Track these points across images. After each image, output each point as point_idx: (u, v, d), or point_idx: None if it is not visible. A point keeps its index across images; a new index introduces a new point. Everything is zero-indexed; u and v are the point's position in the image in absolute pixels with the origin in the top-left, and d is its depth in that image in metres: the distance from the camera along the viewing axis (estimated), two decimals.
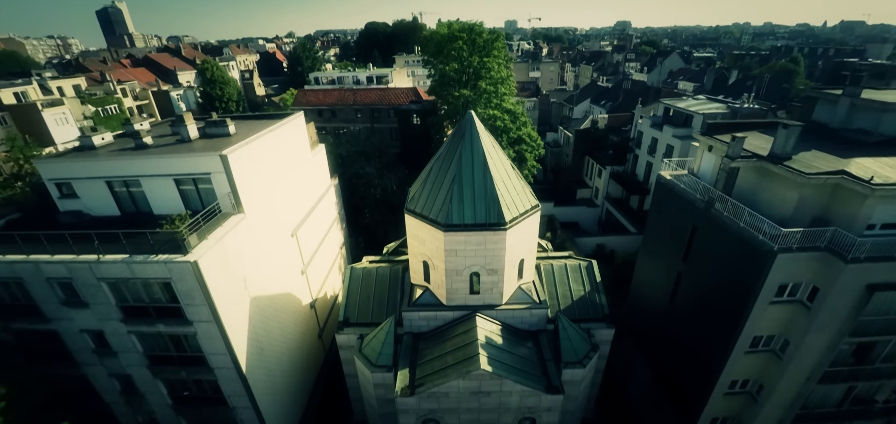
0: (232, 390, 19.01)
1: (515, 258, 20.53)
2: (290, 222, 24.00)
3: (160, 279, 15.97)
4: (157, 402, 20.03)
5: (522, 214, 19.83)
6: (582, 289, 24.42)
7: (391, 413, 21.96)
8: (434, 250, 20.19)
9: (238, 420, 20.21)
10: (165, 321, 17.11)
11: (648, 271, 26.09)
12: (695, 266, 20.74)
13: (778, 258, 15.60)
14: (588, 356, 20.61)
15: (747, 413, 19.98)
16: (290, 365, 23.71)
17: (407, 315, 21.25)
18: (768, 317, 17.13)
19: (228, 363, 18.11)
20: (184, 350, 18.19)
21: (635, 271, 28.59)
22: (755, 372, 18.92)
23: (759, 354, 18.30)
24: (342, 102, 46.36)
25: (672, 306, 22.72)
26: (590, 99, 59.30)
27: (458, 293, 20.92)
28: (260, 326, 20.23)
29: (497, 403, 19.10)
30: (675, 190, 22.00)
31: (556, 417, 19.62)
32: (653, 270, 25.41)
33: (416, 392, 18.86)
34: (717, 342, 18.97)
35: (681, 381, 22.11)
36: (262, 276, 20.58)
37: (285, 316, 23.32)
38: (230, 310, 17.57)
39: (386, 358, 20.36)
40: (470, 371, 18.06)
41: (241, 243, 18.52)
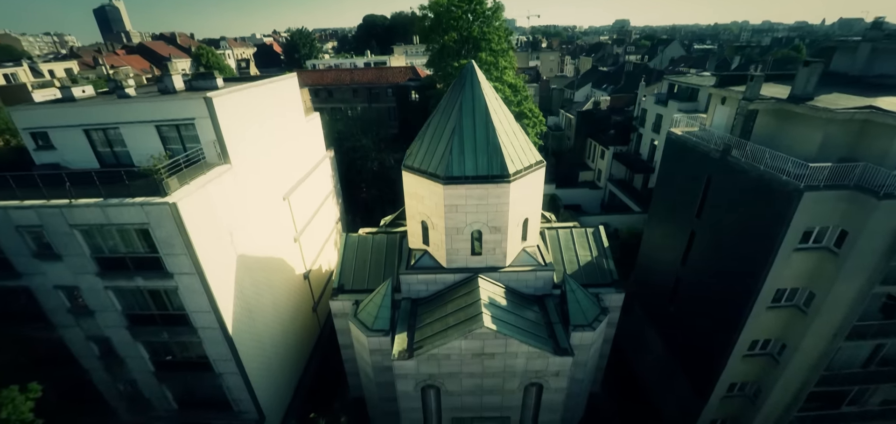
0: (217, 353, 17.78)
1: (519, 216, 19.38)
2: (283, 185, 22.84)
3: (137, 224, 14.78)
4: (139, 368, 18.77)
5: (526, 168, 18.71)
6: (589, 255, 23.28)
7: (388, 382, 20.72)
8: (433, 207, 19.04)
9: (225, 387, 18.97)
10: (144, 273, 15.90)
11: (658, 236, 24.95)
12: (710, 221, 19.60)
13: (804, 197, 14.47)
14: (597, 319, 19.44)
15: (768, 377, 18.78)
16: (282, 335, 22.48)
17: (404, 279, 20.06)
18: (792, 267, 15.98)
19: (213, 323, 16.89)
20: (165, 308, 16.96)
21: (643, 239, 27.47)
22: (777, 330, 17.74)
23: (781, 309, 17.12)
24: (339, 82, 45.27)
25: (685, 268, 21.57)
26: (591, 83, 58.36)
27: (459, 255, 19.75)
28: (249, 288, 19.02)
29: (501, 366, 17.90)
30: (688, 144, 20.90)
31: (564, 382, 18.42)
32: (663, 233, 24.28)
33: (415, 354, 17.67)
34: (736, 299, 17.80)
35: (695, 347, 20.92)
36: (251, 236, 19.40)
37: (277, 284, 22.11)
38: (215, 264, 16.38)
39: (383, 322, 19.15)
40: (472, 331, 16.88)
41: (227, 194, 17.35)
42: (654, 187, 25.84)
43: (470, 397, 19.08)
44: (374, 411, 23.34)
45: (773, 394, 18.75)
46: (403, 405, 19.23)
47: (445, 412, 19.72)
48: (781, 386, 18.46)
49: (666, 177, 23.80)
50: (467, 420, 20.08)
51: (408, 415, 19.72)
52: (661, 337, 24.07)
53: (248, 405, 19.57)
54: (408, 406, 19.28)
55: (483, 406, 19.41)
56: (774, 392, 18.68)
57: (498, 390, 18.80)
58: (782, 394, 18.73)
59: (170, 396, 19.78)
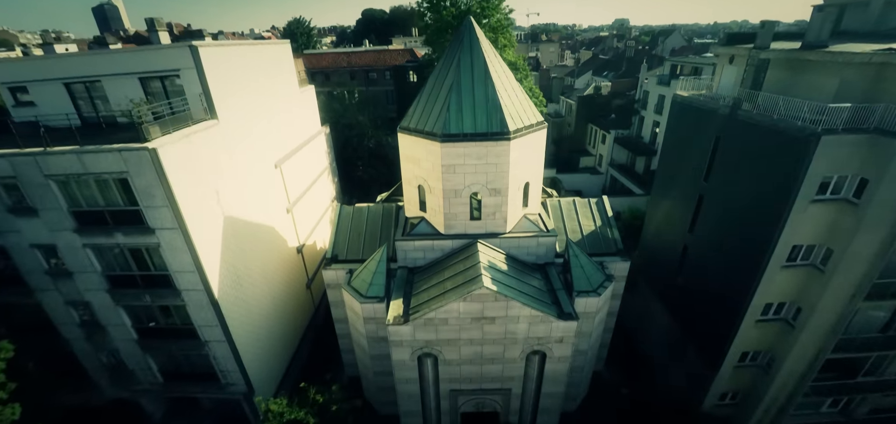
0: (203, 319, 16.88)
1: (520, 179, 18.59)
2: (274, 152, 22.02)
3: (115, 173, 13.94)
4: (121, 336, 17.86)
5: (527, 127, 17.93)
6: (592, 224, 22.48)
7: (383, 354, 19.81)
8: (430, 169, 18.25)
9: (212, 357, 18.05)
10: (124, 229, 15.04)
11: (664, 206, 24.11)
12: (719, 183, 18.77)
13: (822, 142, 13.66)
14: (603, 285, 18.61)
15: (782, 344, 17.88)
16: (273, 307, 21.57)
17: (400, 246, 19.22)
18: (809, 221, 15.14)
19: (198, 285, 16.01)
20: (146, 268, 16.08)
21: (647, 214, 26.64)
22: (792, 292, 16.86)
23: (797, 268, 16.26)
24: (336, 64, 44.58)
25: (693, 235, 20.72)
26: (591, 71, 57.74)
27: (458, 219, 18.93)
28: (236, 252, 18.16)
29: (502, 332, 17.02)
30: (694, 104, 20.12)
31: (568, 350, 17.53)
32: (669, 203, 23.44)
33: (411, 319, 16.79)
34: (749, 260, 16.94)
35: (706, 317, 20.01)
36: (240, 199, 18.56)
37: (268, 253, 21.24)
38: (199, 222, 15.52)
39: (377, 289, 18.30)
40: (471, 292, 16.03)
41: (214, 150, 16.53)
42: (659, 156, 25.09)
43: (469, 366, 18.18)
44: (369, 389, 22.42)
45: (787, 362, 17.84)
46: (399, 376, 18.32)
47: (443, 383, 18.80)
48: (796, 354, 17.55)
49: (671, 143, 23.00)
50: (467, 393, 19.17)
51: (404, 388, 18.81)
52: (668, 311, 23.17)
53: (236, 377, 18.65)
54: (404, 377, 18.37)
55: (483, 376, 18.51)
56: (789, 360, 17.78)
57: (499, 358, 17.91)
58: (797, 362, 17.82)
59: (154, 367, 18.85)
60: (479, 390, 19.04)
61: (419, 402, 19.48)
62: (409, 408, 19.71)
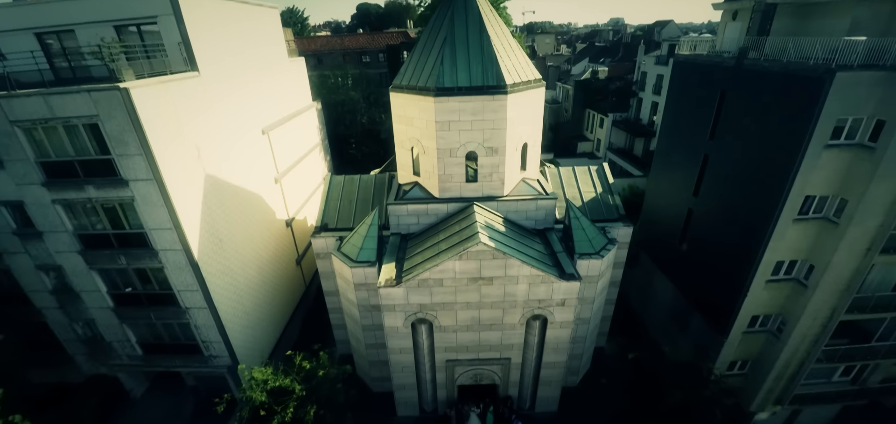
0: (182, 282, 15.87)
1: (518, 139, 17.77)
2: (262, 117, 21.11)
3: (85, 117, 12.98)
4: (96, 304, 16.80)
5: (525, 82, 17.13)
6: (593, 191, 21.69)
7: (376, 325, 18.86)
8: (424, 127, 17.39)
9: (193, 325, 17.02)
10: (96, 181, 14.06)
11: (666, 173, 23.37)
12: (725, 140, 18.02)
13: (837, 79, 12.90)
14: (605, 248, 17.78)
15: (793, 305, 17.04)
16: (260, 280, 20.58)
17: (393, 210, 18.31)
18: (822, 169, 14.36)
19: (176, 244, 15.02)
20: (121, 227, 15.08)
21: (648, 185, 25.92)
22: (804, 248, 16.05)
23: (809, 221, 15.46)
24: (329, 47, 43.81)
25: (698, 198, 19.94)
26: (588, 58, 57.33)
27: (453, 182, 18.07)
28: (219, 215, 17.19)
29: (501, 294, 16.12)
30: (697, 61, 19.44)
31: (570, 314, 16.64)
32: (671, 169, 22.68)
33: (404, 280, 15.87)
34: (758, 215, 16.16)
35: (713, 281, 19.19)
36: (223, 159, 17.61)
37: (254, 223, 20.28)
38: (177, 175, 14.56)
39: (368, 253, 17.38)
40: (468, 249, 15.14)
41: (194, 103, 15.60)
42: (660, 125, 24.33)
43: (466, 334, 17.25)
44: (362, 366, 21.42)
45: (799, 326, 16.99)
46: (392, 345, 17.36)
47: (439, 353, 17.85)
48: (809, 315, 16.71)
49: (673, 109, 22.26)
50: (464, 363, 18.22)
51: (397, 359, 17.84)
52: (672, 282, 22.35)
53: (219, 348, 17.63)
54: (397, 346, 17.41)
55: (481, 344, 17.57)
56: (801, 323, 16.93)
57: (497, 324, 16.99)
58: (810, 325, 16.99)
59: (133, 339, 17.80)
60: (476, 359, 18.09)
61: (414, 374, 18.52)
62: (403, 381, 18.74)
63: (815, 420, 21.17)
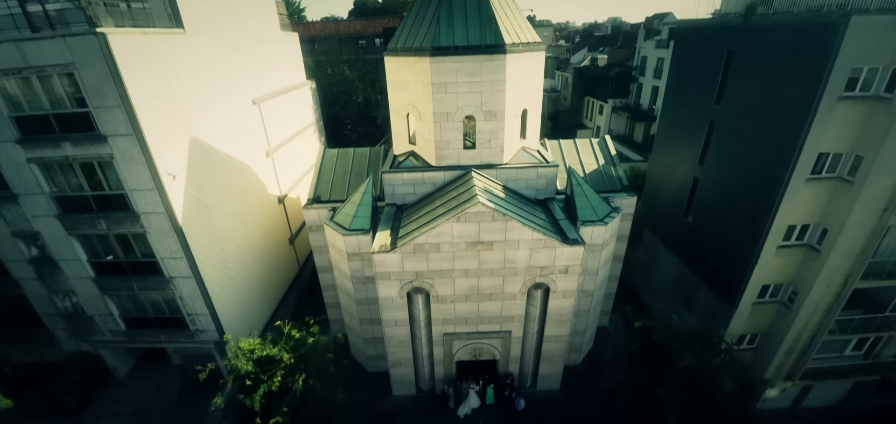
0: (166, 249, 15.10)
1: (517, 104, 17.10)
2: (252, 87, 20.40)
3: (60, 66, 12.24)
4: (76, 273, 16.00)
5: (524, 44, 16.47)
6: (595, 163, 21.01)
7: (370, 299, 18.07)
8: (419, 91, 16.72)
9: (178, 297, 16.23)
10: (73, 138, 13.31)
11: (669, 146, 22.78)
12: (732, 103, 17.38)
13: (852, 23, 12.27)
14: (609, 215, 17.09)
15: (806, 272, 16.33)
16: (251, 255, 19.81)
17: (387, 179, 17.58)
18: (836, 123, 13.69)
19: (158, 207, 14.26)
20: (100, 188, 14.31)
21: (651, 161, 25.39)
22: (818, 211, 15.37)
23: (823, 181, 14.78)
24: (324, 32, 43.15)
25: (703, 166, 19.30)
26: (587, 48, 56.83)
27: (450, 149, 17.40)
28: (206, 181, 16.44)
29: (501, 260, 15.40)
30: (701, 25, 18.82)
31: (574, 283, 15.92)
32: (675, 140, 22.06)
33: (399, 245, 15.15)
34: (769, 176, 15.51)
35: (721, 250, 18.50)
36: (210, 123, 16.86)
37: (244, 194, 19.53)
38: (159, 133, 13.82)
39: (362, 222, 16.65)
40: (466, 210, 14.44)
41: (178, 61, 14.88)
42: (663, 100, 23.73)
43: (465, 304, 16.50)
44: (357, 345, 20.61)
45: (812, 294, 16.28)
46: (387, 317, 16.60)
47: (436, 325, 17.09)
48: (822, 282, 16.02)
49: (676, 76, 21.71)
50: (462, 337, 17.45)
51: (392, 333, 17.08)
52: (677, 256, 21.67)
53: (206, 321, 16.84)
54: (392, 318, 16.65)
55: (480, 316, 16.82)
56: (814, 291, 16.23)
57: (497, 294, 16.24)
58: (822, 292, 16.30)
59: (115, 313, 16.99)
60: (475, 333, 17.34)
61: (410, 349, 17.74)
62: (399, 357, 17.97)
63: (826, 399, 20.45)
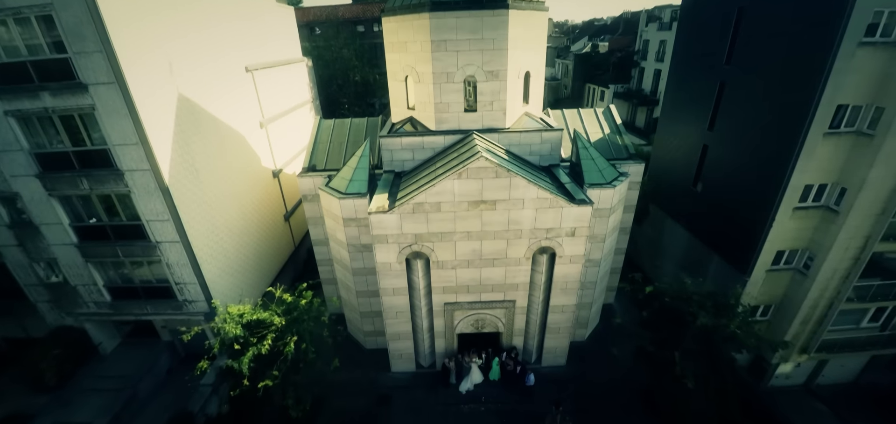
0: (151, 210, 14.33)
1: (520, 65, 16.46)
2: (246, 54, 19.71)
3: (38, 7, 11.50)
4: (58, 239, 15.19)
5: (527, 0, 15.89)
6: (600, 131, 20.35)
7: (368, 269, 17.29)
8: (418, 51, 16.07)
9: (165, 263, 15.44)
10: (52, 87, 12.57)
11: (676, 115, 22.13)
12: (744, 60, 16.75)
13: None
14: (617, 179, 16.40)
15: (823, 235, 15.60)
16: (243, 225, 19.05)
17: (385, 143, 16.85)
18: (855, 72, 13.03)
19: (143, 163, 13.50)
20: (82, 143, 13.57)
21: (657, 135, 24.75)
22: (836, 168, 14.66)
23: (841, 136, 14.09)
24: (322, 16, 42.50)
25: (713, 131, 18.64)
26: (588, 36, 56.41)
27: (451, 112, 16.73)
28: (196, 144, 15.71)
29: (505, 221, 14.68)
30: None
31: (581, 247, 15.19)
32: (682, 108, 21.43)
33: (397, 204, 14.43)
34: (784, 133, 14.85)
35: (733, 216, 17.79)
36: (201, 84, 16.15)
37: (237, 163, 18.80)
38: (144, 84, 13.09)
39: (359, 186, 15.93)
40: (468, 166, 13.75)
41: (165, 11, 14.19)
42: (668, 71, 23.12)
43: (466, 270, 15.74)
44: (354, 321, 19.80)
45: (829, 258, 15.55)
46: (385, 285, 15.84)
47: (436, 293, 16.32)
48: (840, 245, 15.29)
49: (684, 42, 21.07)
50: (464, 307, 16.68)
51: (391, 302, 16.31)
52: (686, 228, 20.97)
53: (195, 291, 16.04)
54: (390, 287, 15.90)
55: (483, 283, 16.06)
56: (831, 255, 15.50)
57: (501, 259, 15.50)
58: (840, 256, 15.58)
59: (100, 282, 16.17)
60: (478, 302, 16.57)
61: (409, 321, 16.96)
62: (398, 329, 17.18)
63: (842, 374, 19.69)
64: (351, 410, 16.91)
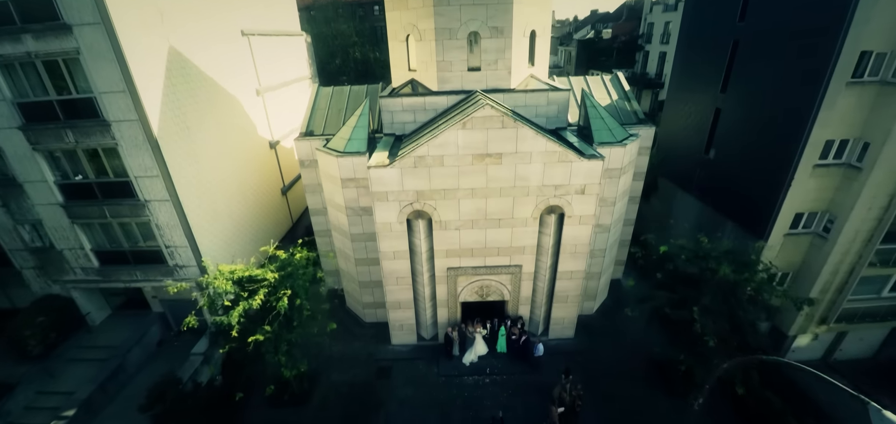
0: (139, 165, 13.63)
1: (525, 22, 15.83)
2: (242, 16, 19.10)
3: None
4: (43, 199, 14.50)
5: None
6: (608, 98, 19.69)
7: (367, 234, 16.57)
8: (420, 7, 15.48)
9: (154, 224, 14.74)
10: (34, 29, 11.91)
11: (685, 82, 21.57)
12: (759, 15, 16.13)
13: None
14: (627, 138, 15.70)
15: (845, 195, 14.83)
16: (239, 192, 18.39)
17: (385, 104, 16.17)
18: (879, 16, 12.38)
19: (130, 112, 12.82)
20: (65, 90, 12.89)
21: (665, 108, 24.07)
22: (859, 121, 13.93)
23: (865, 86, 13.38)
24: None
25: (726, 93, 17.97)
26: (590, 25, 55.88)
27: (453, 71, 16.08)
28: (187, 100, 15.05)
29: (511, 177, 13.97)
30: None
31: (591, 206, 14.47)
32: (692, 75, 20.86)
33: (398, 158, 13.74)
34: (803, 87, 14.18)
35: (747, 181, 17.12)
36: (193, 40, 15.50)
37: (232, 126, 18.17)
38: (132, 28, 12.45)
39: (358, 145, 15.26)
40: (473, 115, 13.09)
41: None
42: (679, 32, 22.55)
43: (471, 232, 15.01)
44: (352, 293, 19.05)
45: (851, 218, 14.78)
46: (385, 248, 15.12)
47: (439, 257, 15.58)
48: (863, 204, 14.51)
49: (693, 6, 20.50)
50: (468, 273, 15.93)
51: (391, 267, 15.61)
52: (697, 199, 20.26)
53: (186, 256, 15.34)
54: (390, 250, 15.18)
55: (487, 246, 15.33)
56: (853, 215, 14.73)
57: (507, 219, 14.77)
58: (863, 216, 14.81)
59: (87, 246, 15.47)
60: (482, 267, 15.83)
61: (410, 287, 16.22)
62: (398, 297, 16.45)
63: (860, 349, 18.89)
64: (349, 382, 16.16)
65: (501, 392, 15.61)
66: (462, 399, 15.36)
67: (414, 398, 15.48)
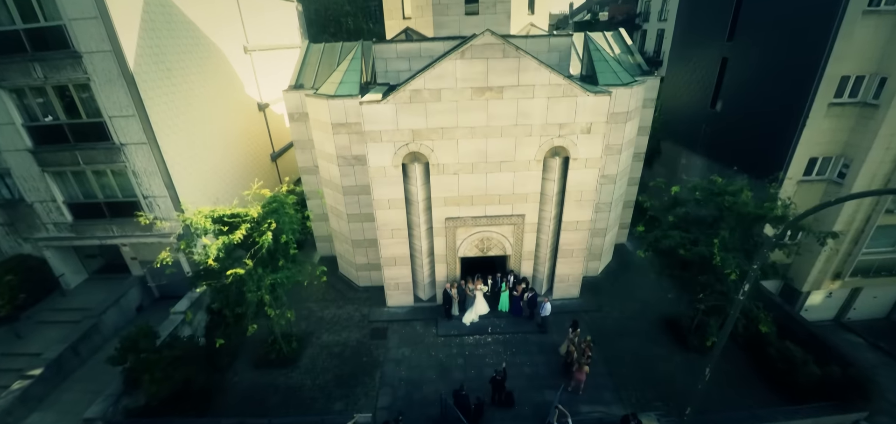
0: (114, 103, 12.60)
1: None
2: None
3: None
4: (10, 144, 13.42)
5: None
6: (611, 52, 18.92)
7: (359, 187, 15.63)
8: None
9: (131, 171, 13.72)
10: None
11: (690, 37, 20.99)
12: None
13: None
14: (633, 81, 14.97)
15: (861, 136, 14.18)
16: (224, 147, 17.44)
17: (380, 51, 15.33)
18: None
19: (104, 42, 11.84)
20: (32, 18, 11.89)
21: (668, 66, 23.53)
22: (875, 55, 13.29)
23: (882, 15, 12.76)
24: None
25: (733, 41, 17.36)
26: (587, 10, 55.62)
27: (450, 14, 15.39)
28: (168, 41, 14.10)
29: (513, 114, 13.14)
30: None
31: (598, 147, 13.69)
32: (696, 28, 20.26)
33: (393, 93, 12.88)
34: (817, 18, 13.55)
35: (757, 129, 16.44)
36: None
37: (217, 76, 17.22)
38: None
39: (350, 88, 14.41)
40: (472, 44, 12.27)
41: None
42: None
43: (470, 177, 14.13)
44: (345, 255, 18.08)
45: (868, 160, 14.12)
46: (379, 195, 14.19)
47: (437, 205, 14.68)
48: (880, 145, 13.87)
49: None
50: (467, 224, 15.03)
51: (385, 217, 14.64)
52: (704, 156, 19.60)
53: (166, 207, 14.30)
54: (384, 198, 14.26)
55: (488, 192, 14.44)
56: (870, 157, 14.07)
57: (509, 161, 13.90)
58: (880, 158, 14.14)
59: (60, 198, 14.41)
60: (483, 217, 14.93)
61: (406, 241, 15.27)
62: (393, 252, 15.49)
63: (873, 308, 18.24)
64: (341, 343, 15.15)
65: (505, 351, 14.66)
66: (462, 359, 14.40)
67: (411, 358, 14.50)
